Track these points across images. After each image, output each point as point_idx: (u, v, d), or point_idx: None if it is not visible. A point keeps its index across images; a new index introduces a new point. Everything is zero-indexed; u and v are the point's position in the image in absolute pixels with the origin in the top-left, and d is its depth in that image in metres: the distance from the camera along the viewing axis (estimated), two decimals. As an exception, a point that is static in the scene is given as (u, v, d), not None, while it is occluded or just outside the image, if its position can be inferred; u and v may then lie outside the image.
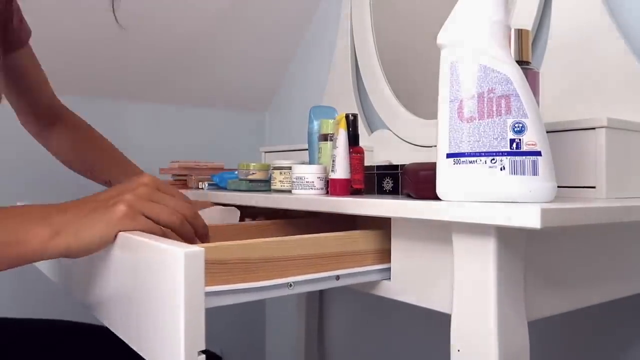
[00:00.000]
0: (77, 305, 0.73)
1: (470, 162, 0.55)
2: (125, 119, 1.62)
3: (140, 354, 0.52)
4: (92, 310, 0.65)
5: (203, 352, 0.45)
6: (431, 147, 1.15)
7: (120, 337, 0.57)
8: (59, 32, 1.37)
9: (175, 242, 0.50)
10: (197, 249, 0.46)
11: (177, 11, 1.48)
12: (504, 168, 0.53)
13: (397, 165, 0.81)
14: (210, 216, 0.86)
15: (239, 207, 0.92)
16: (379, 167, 0.84)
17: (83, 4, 1.33)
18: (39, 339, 0.90)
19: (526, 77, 0.56)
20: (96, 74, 1.52)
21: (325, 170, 0.81)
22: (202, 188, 1.18)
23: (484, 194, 0.54)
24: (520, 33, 0.68)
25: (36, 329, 0.94)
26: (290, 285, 0.57)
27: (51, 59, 1.42)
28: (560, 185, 0.64)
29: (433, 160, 0.60)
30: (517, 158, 0.53)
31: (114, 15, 0.89)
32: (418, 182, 0.65)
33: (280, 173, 0.90)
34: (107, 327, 0.60)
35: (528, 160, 0.53)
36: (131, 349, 0.54)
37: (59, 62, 1.44)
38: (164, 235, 0.58)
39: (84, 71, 1.49)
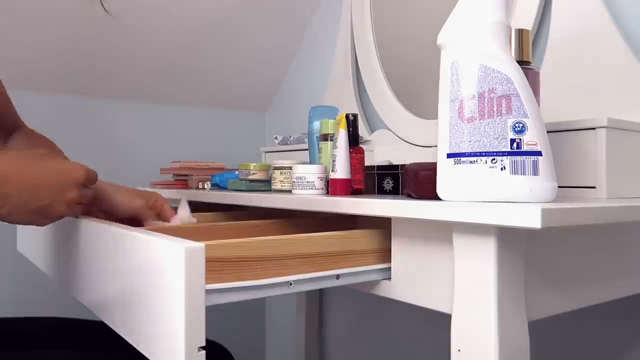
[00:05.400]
0: (77, 303, 0.73)
1: (471, 162, 0.55)
2: (126, 119, 1.62)
3: (141, 351, 0.52)
4: (91, 308, 0.65)
5: (203, 348, 0.45)
6: (431, 147, 1.15)
7: (120, 334, 0.57)
8: (61, 33, 1.38)
9: (176, 238, 0.50)
10: (198, 245, 0.46)
11: (178, 11, 1.48)
12: (504, 168, 0.53)
13: (397, 165, 0.81)
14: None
15: (239, 207, 0.91)
16: (379, 167, 0.84)
17: (84, 4, 1.33)
18: (39, 337, 0.90)
19: (526, 77, 0.56)
20: (97, 74, 1.52)
21: (326, 170, 0.81)
22: (204, 188, 1.17)
23: (484, 194, 0.54)
24: (520, 33, 0.68)
25: (36, 327, 0.94)
26: (290, 284, 0.57)
27: (54, 60, 1.43)
28: (560, 185, 0.64)
29: (433, 160, 0.60)
30: (518, 158, 0.53)
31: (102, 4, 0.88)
32: (418, 182, 0.65)
33: (281, 173, 0.90)
34: (106, 324, 0.60)
35: (528, 160, 0.53)
36: (131, 346, 0.54)
37: (60, 62, 1.44)
38: None
39: (85, 71, 1.49)
